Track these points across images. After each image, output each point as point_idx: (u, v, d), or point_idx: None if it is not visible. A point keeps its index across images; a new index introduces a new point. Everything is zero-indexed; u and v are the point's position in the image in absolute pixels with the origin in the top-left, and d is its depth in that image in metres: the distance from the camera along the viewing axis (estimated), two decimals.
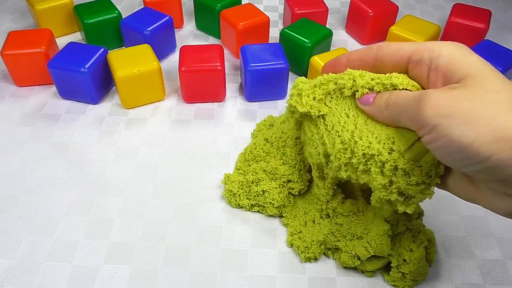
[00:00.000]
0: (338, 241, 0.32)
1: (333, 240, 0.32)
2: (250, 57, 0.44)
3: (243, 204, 0.36)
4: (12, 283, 0.31)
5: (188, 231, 0.34)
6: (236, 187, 0.36)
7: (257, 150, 0.38)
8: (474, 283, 0.32)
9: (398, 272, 0.31)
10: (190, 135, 0.42)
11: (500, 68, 0.44)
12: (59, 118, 0.44)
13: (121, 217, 0.35)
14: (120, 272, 0.31)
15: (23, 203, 0.36)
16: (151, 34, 0.48)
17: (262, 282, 0.31)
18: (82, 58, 0.43)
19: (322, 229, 0.33)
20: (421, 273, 0.31)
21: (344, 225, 0.32)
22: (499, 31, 0.59)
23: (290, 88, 0.48)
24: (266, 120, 0.43)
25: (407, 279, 0.30)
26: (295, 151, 0.35)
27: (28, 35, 0.46)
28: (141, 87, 0.43)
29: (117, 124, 0.43)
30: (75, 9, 0.51)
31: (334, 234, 0.32)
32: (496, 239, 0.34)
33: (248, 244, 0.33)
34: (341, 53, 0.44)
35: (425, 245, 0.31)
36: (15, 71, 0.46)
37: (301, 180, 0.35)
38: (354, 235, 0.32)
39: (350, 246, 0.32)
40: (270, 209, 0.35)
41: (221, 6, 0.52)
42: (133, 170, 0.39)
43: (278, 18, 0.60)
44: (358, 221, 0.32)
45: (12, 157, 0.39)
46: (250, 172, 0.36)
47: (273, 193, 0.35)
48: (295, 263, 0.32)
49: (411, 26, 0.50)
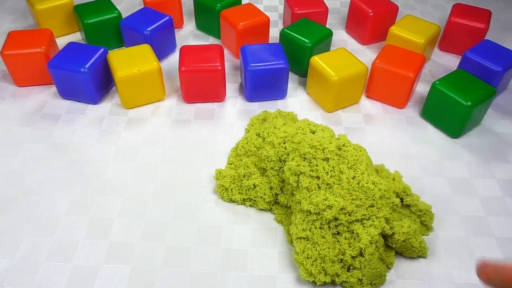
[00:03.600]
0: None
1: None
2: (250, 57, 0.44)
3: (235, 199, 0.36)
4: (12, 283, 0.31)
5: (188, 231, 0.34)
6: (228, 182, 0.36)
7: (249, 145, 0.38)
8: (474, 283, 0.32)
9: (353, 277, 0.31)
10: (190, 135, 0.42)
11: (500, 68, 0.44)
12: (59, 118, 0.44)
13: (121, 217, 0.35)
14: (120, 272, 0.31)
15: (23, 203, 0.36)
16: (151, 34, 0.48)
17: (262, 282, 0.31)
18: (82, 58, 0.43)
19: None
20: (376, 276, 0.31)
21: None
22: (499, 31, 0.59)
23: (290, 88, 0.48)
24: (260, 115, 0.43)
25: (364, 283, 0.31)
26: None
27: (28, 35, 0.46)
28: (141, 87, 0.43)
29: (117, 124, 0.43)
30: (75, 9, 0.51)
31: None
32: (496, 239, 0.34)
33: (248, 244, 0.33)
34: (341, 53, 0.45)
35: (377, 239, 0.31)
36: (15, 71, 0.46)
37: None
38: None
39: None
40: (261, 203, 0.35)
41: (221, 6, 0.52)
42: (133, 170, 0.39)
43: (278, 18, 0.60)
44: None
45: (12, 157, 0.39)
46: (241, 166, 0.36)
47: (264, 187, 0.35)
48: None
49: (411, 26, 0.50)
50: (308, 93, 0.47)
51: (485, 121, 0.45)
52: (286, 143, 0.34)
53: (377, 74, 0.45)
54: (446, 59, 0.54)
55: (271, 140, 0.35)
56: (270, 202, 0.35)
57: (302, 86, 0.49)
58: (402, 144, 0.42)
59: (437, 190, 0.38)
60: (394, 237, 0.31)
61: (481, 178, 0.39)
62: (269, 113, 0.42)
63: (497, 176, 0.39)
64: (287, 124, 0.37)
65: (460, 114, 0.41)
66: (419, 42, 0.48)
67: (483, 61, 0.44)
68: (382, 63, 0.44)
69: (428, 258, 0.33)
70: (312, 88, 0.46)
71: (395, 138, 0.43)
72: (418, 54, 0.45)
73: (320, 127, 0.36)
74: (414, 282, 0.32)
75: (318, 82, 0.44)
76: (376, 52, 0.54)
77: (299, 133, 0.35)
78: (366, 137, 0.43)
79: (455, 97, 0.40)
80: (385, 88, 0.45)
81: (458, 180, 0.39)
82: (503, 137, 0.43)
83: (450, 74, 0.43)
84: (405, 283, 0.31)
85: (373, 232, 0.30)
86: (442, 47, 0.55)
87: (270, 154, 0.34)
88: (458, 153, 0.41)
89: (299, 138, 0.34)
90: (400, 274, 0.32)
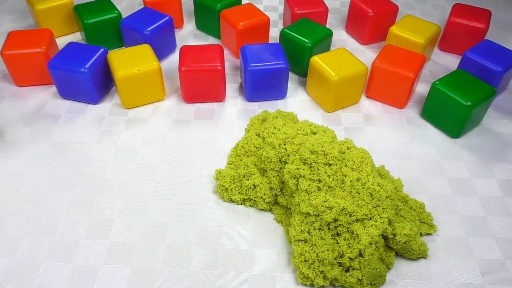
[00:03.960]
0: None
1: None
2: (250, 57, 0.44)
3: (235, 199, 0.36)
4: (12, 283, 0.31)
5: (188, 231, 0.34)
6: (228, 182, 0.36)
7: (249, 145, 0.38)
8: (474, 283, 0.32)
9: (353, 277, 0.31)
10: (190, 135, 0.42)
11: (500, 68, 0.44)
12: (59, 118, 0.44)
13: (121, 217, 0.35)
14: (120, 272, 0.31)
15: (23, 203, 0.36)
16: (151, 34, 0.48)
17: (262, 282, 0.31)
18: (82, 58, 0.43)
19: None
20: (376, 276, 0.31)
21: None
22: (499, 31, 0.59)
23: (290, 88, 0.48)
24: (260, 115, 0.43)
25: (364, 284, 0.31)
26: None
27: (28, 35, 0.46)
28: (141, 87, 0.43)
29: (117, 124, 0.43)
30: (75, 9, 0.51)
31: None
32: (496, 239, 0.34)
33: (248, 244, 0.33)
34: (341, 53, 0.45)
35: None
36: (15, 71, 0.46)
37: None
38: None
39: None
40: (261, 204, 0.35)
41: (221, 6, 0.52)
42: (133, 170, 0.39)
43: (278, 18, 0.60)
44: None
45: (12, 157, 0.39)
46: (241, 166, 0.36)
47: (264, 187, 0.35)
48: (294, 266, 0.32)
49: (411, 26, 0.50)
50: (308, 93, 0.47)
51: (485, 121, 0.45)
52: (286, 144, 0.34)
53: (377, 74, 0.45)
54: (446, 59, 0.54)
55: (271, 141, 0.35)
56: (270, 202, 0.35)
57: (302, 86, 0.49)
58: (402, 144, 0.42)
59: (437, 190, 0.38)
60: (396, 239, 0.31)
61: (481, 178, 0.39)
62: (269, 113, 0.42)
63: (497, 176, 0.39)
64: (287, 125, 0.37)
65: (460, 114, 0.41)
66: (419, 42, 0.48)
67: (483, 61, 0.44)
68: (382, 63, 0.44)
69: (428, 258, 0.33)
70: (312, 88, 0.46)
71: (395, 138, 0.43)
72: (418, 54, 0.45)
73: (322, 128, 0.36)
74: (414, 282, 0.32)
75: (318, 82, 0.44)
76: (376, 52, 0.54)
77: (299, 134, 0.35)
78: (366, 137, 0.43)
79: (455, 97, 0.40)
80: (385, 88, 0.45)
81: (458, 180, 0.39)
82: (503, 137, 0.43)
83: (450, 74, 0.43)
84: (405, 283, 0.31)
85: (374, 233, 0.30)
86: (442, 47, 0.55)
87: (270, 155, 0.34)
88: (458, 153, 0.41)
89: (299, 139, 0.34)
90: (400, 274, 0.32)
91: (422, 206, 0.35)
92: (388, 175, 0.37)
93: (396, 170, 0.39)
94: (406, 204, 0.35)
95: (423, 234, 0.34)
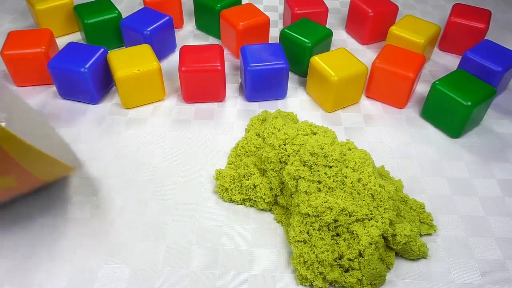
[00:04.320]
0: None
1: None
2: (250, 57, 0.44)
3: (235, 199, 0.36)
4: (12, 283, 0.31)
5: (188, 231, 0.34)
6: (228, 182, 0.36)
7: (249, 145, 0.38)
8: (474, 283, 0.32)
9: (353, 277, 0.30)
10: (190, 135, 0.42)
11: (500, 68, 0.44)
12: (59, 118, 0.44)
13: (121, 217, 0.35)
14: (120, 272, 0.31)
15: (23, 203, 0.36)
16: (151, 34, 0.48)
17: (262, 282, 0.31)
18: (82, 58, 0.43)
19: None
20: (376, 276, 0.31)
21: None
22: (499, 31, 0.59)
23: (290, 88, 0.48)
24: (260, 115, 0.43)
25: (364, 284, 0.30)
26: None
27: (28, 35, 0.46)
28: (141, 87, 0.43)
29: (117, 124, 0.43)
30: (75, 9, 0.51)
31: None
32: (496, 239, 0.34)
33: (248, 244, 0.33)
34: (341, 53, 0.45)
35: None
36: (15, 71, 0.46)
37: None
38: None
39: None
40: (261, 204, 0.35)
41: (221, 6, 0.52)
42: (133, 170, 0.39)
43: (278, 18, 0.60)
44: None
45: None
46: (241, 167, 0.36)
47: (264, 187, 0.35)
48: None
49: (411, 26, 0.50)
50: (308, 93, 0.47)
51: (485, 121, 0.45)
52: (286, 144, 0.34)
53: (377, 74, 0.45)
54: (446, 59, 0.54)
55: (271, 142, 0.35)
56: (270, 202, 0.35)
57: (302, 86, 0.49)
58: (402, 144, 0.42)
59: (437, 190, 0.38)
60: (396, 239, 0.31)
61: (481, 178, 0.39)
62: (269, 113, 0.42)
63: (497, 176, 0.39)
64: (287, 125, 0.37)
65: (460, 114, 0.41)
66: (419, 42, 0.48)
67: (483, 61, 0.44)
68: (382, 63, 0.44)
69: (428, 258, 0.33)
70: (312, 88, 0.46)
71: (395, 138, 0.43)
72: (418, 54, 0.45)
73: (322, 128, 0.36)
74: (414, 282, 0.32)
75: (318, 82, 0.44)
76: (376, 52, 0.54)
77: (299, 135, 0.35)
78: (366, 137, 0.43)
79: (455, 97, 0.40)
80: (385, 88, 0.45)
81: (458, 180, 0.39)
82: (503, 137, 0.43)
83: (450, 74, 0.43)
84: (405, 283, 0.31)
85: (374, 233, 0.30)
86: (442, 47, 0.55)
87: (270, 155, 0.34)
88: (458, 153, 0.41)
89: (299, 140, 0.34)
90: (400, 274, 0.32)
91: (422, 206, 0.35)
92: (389, 176, 0.37)
93: (396, 170, 0.39)
94: (406, 204, 0.35)
95: (423, 234, 0.34)
